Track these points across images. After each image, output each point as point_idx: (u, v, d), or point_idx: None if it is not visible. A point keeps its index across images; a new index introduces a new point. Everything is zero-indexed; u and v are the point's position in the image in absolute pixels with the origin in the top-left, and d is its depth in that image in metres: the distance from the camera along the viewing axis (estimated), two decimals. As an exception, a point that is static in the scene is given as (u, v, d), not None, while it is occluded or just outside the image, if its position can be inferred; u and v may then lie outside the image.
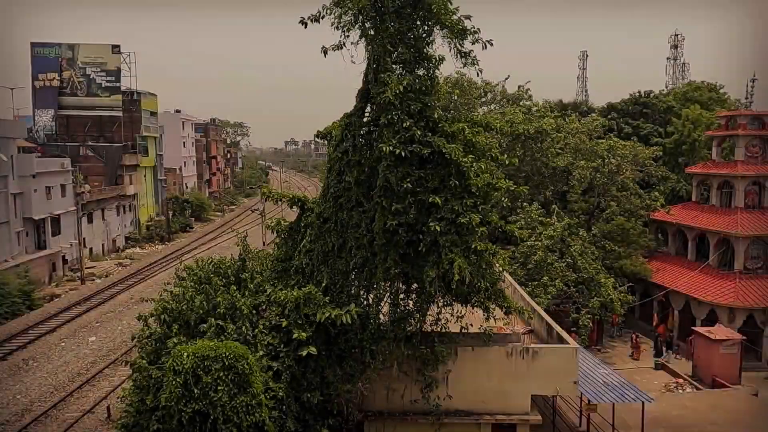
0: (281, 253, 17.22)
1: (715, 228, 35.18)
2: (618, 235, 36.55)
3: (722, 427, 23.31)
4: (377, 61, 14.94)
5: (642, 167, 38.94)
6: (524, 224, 34.23)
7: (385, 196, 14.43)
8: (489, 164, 15.02)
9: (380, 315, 15.63)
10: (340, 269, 15.48)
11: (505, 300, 15.85)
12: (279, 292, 15.16)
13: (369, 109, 15.86)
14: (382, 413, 16.68)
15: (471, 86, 44.89)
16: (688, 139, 46.81)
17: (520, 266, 32.53)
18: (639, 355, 33.34)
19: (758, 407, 25.78)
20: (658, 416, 23.83)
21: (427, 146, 14.15)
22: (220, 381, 11.79)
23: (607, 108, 54.23)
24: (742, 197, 35.52)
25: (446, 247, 13.88)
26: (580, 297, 31.68)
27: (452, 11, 14.65)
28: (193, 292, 15.55)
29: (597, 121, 41.96)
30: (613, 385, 20.79)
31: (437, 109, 15.22)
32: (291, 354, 14.31)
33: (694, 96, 54.05)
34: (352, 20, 14.49)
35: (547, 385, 17.22)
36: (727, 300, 32.36)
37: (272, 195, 17.64)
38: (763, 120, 36.67)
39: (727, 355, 29.34)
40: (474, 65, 15.10)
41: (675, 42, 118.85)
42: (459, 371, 16.61)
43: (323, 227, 15.88)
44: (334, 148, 15.99)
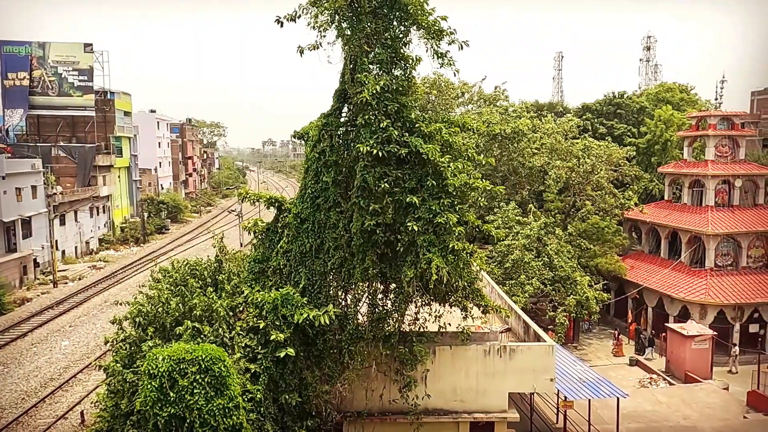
0: (258, 254, 17.08)
1: (686, 226, 35.93)
2: (593, 233, 37.09)
3: (694, 421, 23.85)
4: (354, 61, 14.92)
5: (616, 167, 39.58)
6: (501, 224, 34.53)
7: (362, 196, 14.43)
8: (466, 164, 15.09)
9: (358, 315, 15.61)
10: (317, 270, 15.43)
11: (483, 299, 15.94)
12: (256, 294, 15.06)
13: (346, 109, 15.84)
14: (360, 413, 16.67)
15: (448, 87, 45.16)
16: (660, 139, 47.75)
17: (498, 265, 32.79)
18: (621, 351, 33.87)
19: (728, 401, 26.43)
20: (632, 411, 24.29)
21: (404, 146, 14.18)
22: (196, 384, 11.65)
23: (582, 108, 55.01)
24: (713, 196, 36.34)
25: (424, 246, 13.93)
26: (556, 295, 32.07)
27: (429, 12, 14.72)
28: (168, 295, 15.34)
29: (572, 122, 42.50)
30: (589, 381, 21.10)
31: (414, 109, 15.29)
32: (269, 356, 14.22)
33: (666, 97, 55.20)
34: (328, 20, 14.47)
35: (524, 383, 17.38)
36: (699, 297, 33.09)
37: (249, 196, 17.50)
38: (732, 120, 37.58)
39: (698, 350, 30.02)
40: (450, 66, 15.19)
41: (647, 44, 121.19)
42: (437, 370, 16.69)
43: (301, 228, 15.81)
44: (311, 148, 15.93)
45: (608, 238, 37.52)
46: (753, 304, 33.18)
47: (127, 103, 71.08)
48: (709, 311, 32.99)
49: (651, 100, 55.05)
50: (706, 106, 55.34)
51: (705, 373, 29.75)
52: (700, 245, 35.40)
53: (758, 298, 33.16)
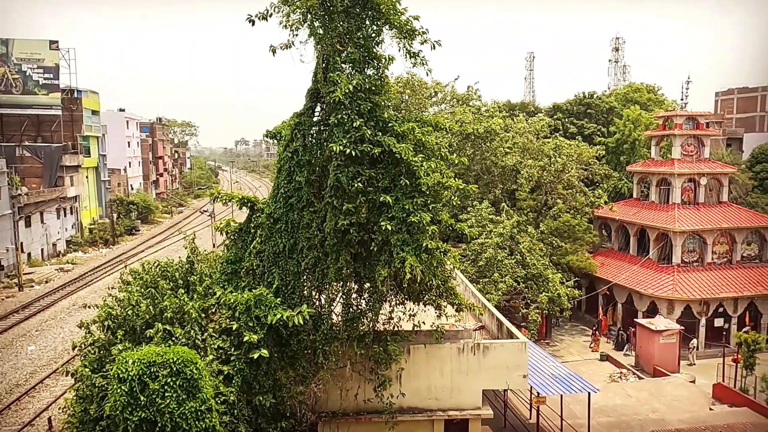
0: (231, 255, 16.90)
1: (654, 224, 36.74)
2: (564, 231, 37.67)
3: (662, 414, 24.41)
4: (327, 60, 14.88)
5: (586, 166, 40.27)
6: (475, 222, 34.82)
7: (335, 195, 14.40)
8: (439, 163, 15.18)
9: (333, 315, 15.57)
10: (291, 270, 15.34)
11: (457, 297, 16.06)
12: (229, 295, 14.89)
13: (319, 108, 15.79)
14: (335, 414, 16.64)
15: (421, 86, 45.36)
16: (628, 139, 48.75)
17: (471, 263, 33.07)
18: (598, 347, 34.46)
19: (695, 393, 27.12)
20: (603, 405, 24.75)
21: (377, 146, 14.18)
22: (167, 387, 11.46)
23: (553, 108, 55.83)
24: (679, 194, 37.26)
25: (397, 246, 13.95)
26: (529, 292, 32.49)
27: (401, 12, 14.75)
28: (138, 297, 15.06)
29: (543, 121, 43.10)
30: (561, 377, 21.43)
31: (388, 108, 15.32)
32: (242, 357, 14.08)
33: (634, 97, 56.39)
34: (300, 19, 14.39)
35: (498, 380, 17.56)
36: (666, 292, 33.87)
37: (221, 196, 17.29)
38: (697, 120, 38.57)
39: (666, 345, 30.73)
40: (423, 65, 15.25)
41: (616, 45, 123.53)
42: (412, 369, 16.76)
43: (274, 228, 15.70)
44: (284, 147, 15.83)
45: (579, 235, 38.15)
46: (718, 298, 34.12)
47: (95, 102, 69.55)
48: (676, 306, 33.80)
49: (620, 100, 56.17)
50: (672, 106, 56.63)
51: (673, 366, 30.48)
52: (667, 242, 36.24)
53: (722, 293, 34.11)
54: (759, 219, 37.38)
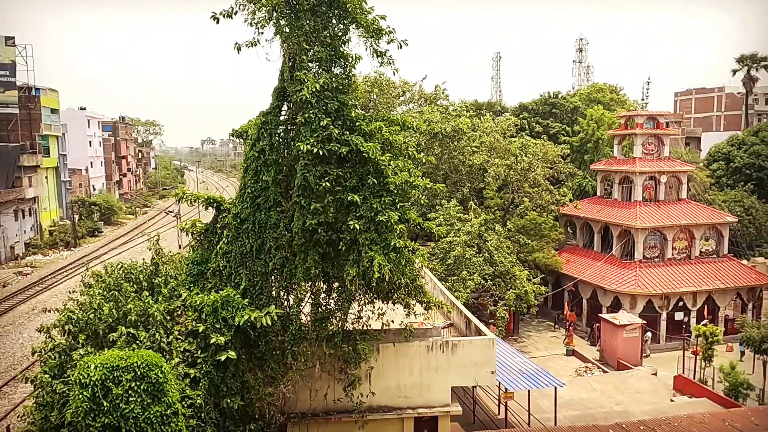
0: (197, 256, 16.65)
1: (617, 221, 37.62)
2: (531, 229, 38.25)
3: (626, 406, 25.04)
4: (293, 59, 14.80)
5: (552, 164, 40.97)
6: (443, 221, 35.07)
7: (303, 195, 14.34)
8: (407, 162, 15.25)
9: (301, 315, 15.49)
10: (259, 270, 15.20)
11: (425, 295, 16.16)
12: (195, 297, 14.68)
13: (286, 107, 15.69)
14: (305, 414, 16.58)
15: (389, 85, 45.43)
16: (592, 138, 49.77)
17: (440, 262, 33.31)
18: (572, 342, 35.06)
19: (657, 385, 27.91)
20: (569, 399, 25.25)
21: (345, 145, 14.17)
22: (131, 392, 11.22)
23: (519, 108, 56.61)
24: (641, 192, 38.24)
25: (366, 245, 13.97)
26: (497, 290, 32.88)
27: (367, 11, 14.77)
28: (101, 300, 14.72)
29: (510, 121, 43.68)
30: (528, 372, 21.78)
31: (355, 107, 15.32)
32: (209, 359, 13.89)
33: (597, 97, 57.60)
34: (266, 17, 14.29)
35: (466, 377, 17.75)
36: (629, 288, 34.73)
37: (187, 196, 17.01)
38: (657, 120, 39.64)
39: (629, 339, 31.51)
40: (390, 64, 15.30)
41: (580, 46, 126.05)
42: (381, 368, 16.80)
43: (240, 228, 15.53)
44: (250, 147, 15.67)
45: (545, 233, 38.79)
46: (678, 293, 35.14)
47: (54, 100, 67.51)
48: (638, 301, 34.68)
49: (583, 100, 57.29)
50: (633, 106, 58.10)
51: (636, 360, 31.29)
52: (629, 238, 37.16)
53: (682, 288, 35.15)
54: (716, 215, 38.66)
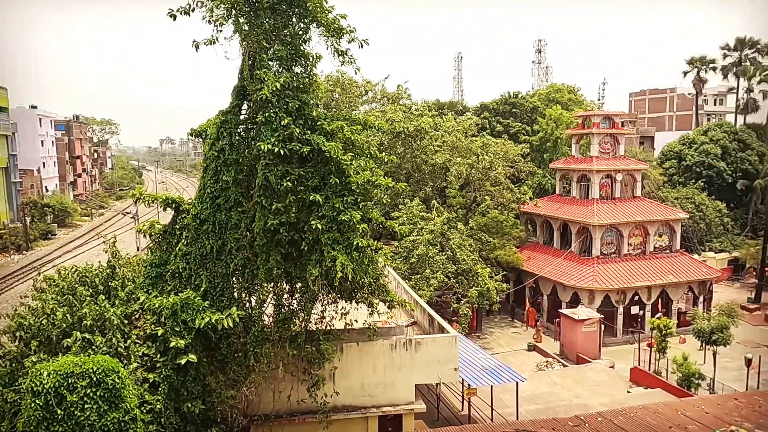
0: (155, 258, 16.29)
1: (575, 218, 38.53)
2: (493, 227, 38.83)
3: (585, 399, 25.70)
4: (253, 57, 14.64)
5: (512, 163, 41.66)
6: (406, 220, 35.24)
7: (264, 195, 14.20)
8: (368, 162, 15.28)
9: (264, 316, 15.34)
10: (219, 272, 14.98)
11: (388, 294, 16.23)
12: (154, 299, 14.36)
13: (246, 106, 15.51)
14: (268, 416, 16.43)
15: (352, 85, 45.41)
16: (551, 137, 50.82)
17: (403, 261, 33.47)
18: (540, 338, 35.69)
19: (614, 378, 28.75)
20: (531, 394, 25.76)
21: (306, 144, 14.09)
22: (87, 399, 10.90)
23: (480, 107, 57.36)
24: (597, 189, 39.26)
25: (328, 244, 13.93)
26: (459, 287, 33.25)
27: (328, 10, 14.72)
28: (54, 305, 14.25)
29: (471, 120, 44.21)
30: (491, 368, 22.11)
31: (316, 107, 15.27)
32: (168, 363, 13.62)
33: (556, 97, 58.84)
34: (224, 14, 14.07)
35: (430, 374, 17.90)
36: (587, 283, 35.62)
37: (144, 197, 16.62)
38: (612, 120, 40.76)
39: (588, 333, 32.34)
40: (351, 64, 15.28)
41: (539, 47, 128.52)
42: (345, 367, 16.79)
43: (200, 229, 15.26)
44: (209, 146, 15.43)
45: (506, 231, 39.42)
46: (633, 287, 36.24)
47: (3, 98, 64.90)
48: (596, 296, 35.61)
49: (542, 100, 58.45)
50: (590, 106, 59.63)
51: (594, 353, 32.13)
52: (587, 235, 38.11)
53: (638, 282, 36.27)
54: (669, 212, 40.04)
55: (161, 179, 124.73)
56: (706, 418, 12.60)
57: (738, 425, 12.14)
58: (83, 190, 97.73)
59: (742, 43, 67.79)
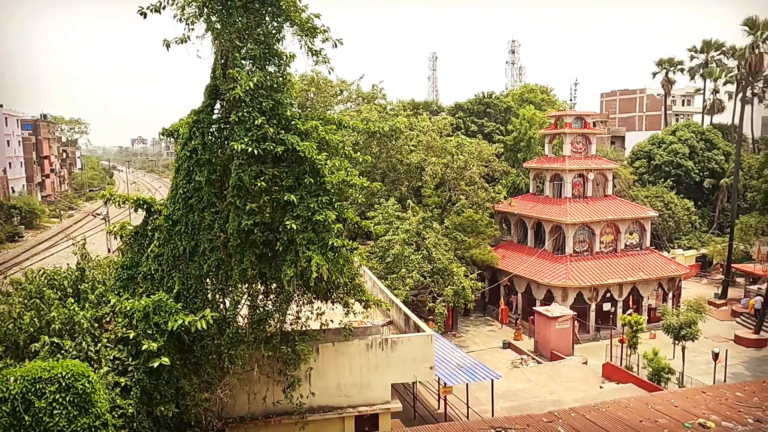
0: (127, 260, 16.02)
1: (549, 217, 39.03)
2: (468, 226, 39.09)
3: (559, 395, 26.05)
4: (225, 56, 14.50)
5: (487, 163, 42.00)
6: (381, 219, 35.27)
7: (238, 195, 14.08)
8: (343, 162, 15.26)
9: (238, 318, 15.20)
10: (193, 273, 14.79)
11: (364, 294, 16.23)
12: (125, 302, 14.12)
13: (219, 105, 15.35)
14: (243, 418, 16.30)
15: (327, 84, 45.26)
16: (525, 137, 51.39)
17: (379, 260, 33.48)
18: (520, 336, 36.01)
19: (587, 374, 29.22)
20: (506, 391, 26.00)
21: (280, 144, 14.01)
22: (56, 404, 10.68)
23: (455, 107, 57.69)
24: (570, 188, 39.83)
25: (303, 245, 13.87)
26: (435, 286, 33.41)
27: (302, 9, 14.65)
28: (21, 309, 13.95)
29: (446, 120, 44.43)
30: (466, 366, 22.27)
31: (290, 106, 15.17)
32: (141, 367, 13.42)
33: (529, 97, 59.53)
34: (196, 13, 13.90)
35: (406, 373, 17.96)
36: (561, 281, 36.11)
37: (115, 197, 16.33)
38: (584, 120, 41.39)
39: (562, 330, 32.78)
40: (325, 63, 15.24)
41: (512, 47, 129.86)
42: (321, 367, 16.75)
43: (173, 230, 15.06)
44: (181, 146, 15.23)
45: (481, 230, 39.74)
46: (605, 285, 36.86)
47: (-33, 97, 63.01)
48: (569, 293, 36.13)
49: (516, 100, 59.08)
50: (563, 106, 60.47)
51: (567, 350, 32.59)
52: (561, 234, 38.64)
53: (609, 279, 36.90)
54: (639, 210, 40.83)
55: (133, 180, 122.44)
56: (675, 412, 12.90)
57: (706, 418, 12.46)
58: (51, 190, 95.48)
59: (708, 45, 69.50)
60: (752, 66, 46.36)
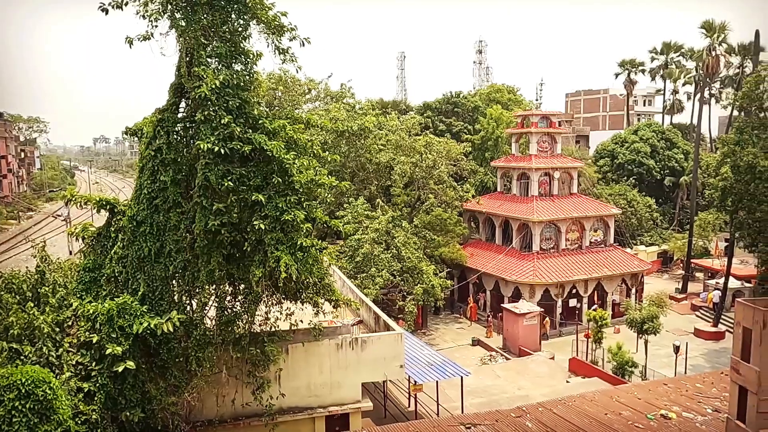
0: (89, 262, 15.61)
1: (516, 215, 39.60)
2: (437, 225, 39.33)
3: (527, 390, 26.47)
4: (190, 54, 14.24)
5: (455, 162, 42.32)
6: (351, 219, 35.22)
7: (205, 195, 13.87)
8: (312, 161, 15.18)
9: (206, 320, 14.98)
10: (158, 275, 14.52)
11: (334, 294, 16.16)
12: (88, 305, 13.77)
13: (184, 104, 15.09)
14: (212, 422, 16.08)
15: (295, 83, 44.92)
16: (492, 136, 51.96)
17: (349, 259, 33.43)
18: (491, 334, 36.35)
19: (554, 369, 29.75)
20: (475, 387, 26.29)
21: (247, 143, 13.84)
22: (15, 412, 10.35)
23: (423, 107, 57.95)
24: (536, 187, 40.47)
25: (272, 245, 13.75)
26: (405, 285, 33.53)
27: (268, 6, 14.52)
28: (-23, 314, 13.44)
29: (415, 119, 44.61)
30: (436, 364, 22.42)
31: (258, 105, 15.04)
32: (105, 371, 13.11)
33: (496, 97, 60.21)
34: (159, 9, 13.63)
35: (376, 372, 17.99)
36: (528, 278, 36.67)
37: (76, 198, 15.89)
38: (550, 119, 42.10)
39: (529, 326, 33.30)
40: (293, 62, 15.14)
41: (480, 47, 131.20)
42: (291, 368, 16.64)
43: (137, 231, 14.74)
44: (146, 146, 14.92)
45: (450, 228, 40.03)
46: (571, 281, 37.60)
47: None
48: (536, 290, 36.72)
49: (483, 100, 59.68)
50: (529, 105, 61.36)
51: (535, 346, 33.13)
52: (528, 231, 39.23)
53: (575, 276, 37.66)
54: (603, 208, 41.75)
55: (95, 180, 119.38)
56: (638, 404, 13.24)
57: (668, 409, 12.83)
58: (9, 191, 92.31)
59: (668, 47, 71.55)
60: (709, 68, 47.92)
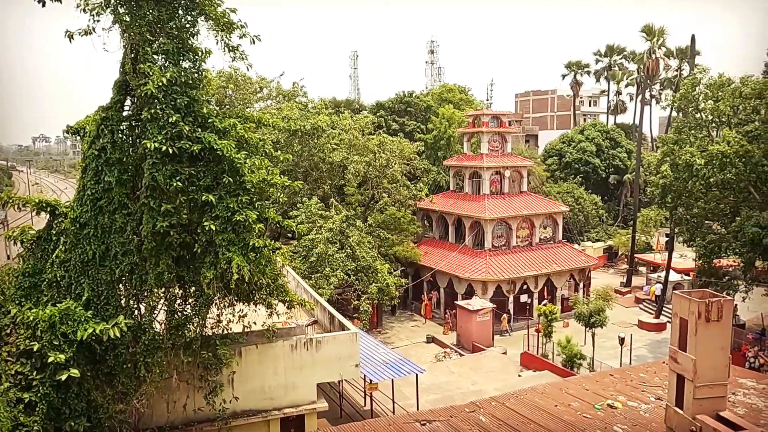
0: (29, 267, 14.92)
1: (468, 213, 40.20)
2: (391, 223, 39.50)
3: (481, 385, 26.95)
4: (136, 50, 13.82)
5: (408, 161, 42.61)
6: (305, 218, 34.96)
7: (152, 196, 13.49)
8: (263, 160, 14.98)
9: (155, 324, 14.57)
10: (104, 279, 14.02)
11: (288, 294, 16.02)
12: (27, 312, 13.15)
13: (129, 102, 14.63)
14: (162, 428, 15.65)
15: (246, 81, 44.23)
16: (444, 135, 52.58)
17: (303, 260, 33.18)
18: (449, 330, 36.64)
19: (507, 363, 30.39)
20: (430, 384, 26.57)
21: (197, 142, 13.55)
22: (-52, 426, 9.81)
23: (376, 106, 58.11)
24: (488, 185, 41.21)
25: (223, 246, 13.51)
26: (360, 284, 33.53)
27: (217, 3, 14.25)
28: None
29: (368, 119, 44.68)
30: (391, 362, 22.53)
31: (207, 103, 14.74)
32: (47, 381, 12.56)
33: (448, 97, 60.96)
34: (102, 3, 13.16)
35: (331, 372, 17.91)
36: (480, 275, 37.31)
37: (13, 200, 15.17)
38: (500, 119, 42.94)
39: (482, 322, 33.89)
40: (243, 60, 14.91)
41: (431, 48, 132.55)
42: (244, 371, 16.39)
43: (81, 234, 14.19)
44: (89, 145, 14.38)
45: (404, 227, 40.28)
46: (522, 277, 38.48)
47: None
48: (489, 287, 37.40)
49: (436, 100, 60.32)
50: (480, 105, 62.41)
51: (488, 341, 33.74)
52: (480, 229, 39.91)
53: (526, 272, 38.56)
54: (552, 206, 42.92)
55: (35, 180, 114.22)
56: (587, 395, 13.69)
57: (614, 399, 13.32)
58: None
59: (611, 50, 74.21)
60: (650, 70, 49.99)
